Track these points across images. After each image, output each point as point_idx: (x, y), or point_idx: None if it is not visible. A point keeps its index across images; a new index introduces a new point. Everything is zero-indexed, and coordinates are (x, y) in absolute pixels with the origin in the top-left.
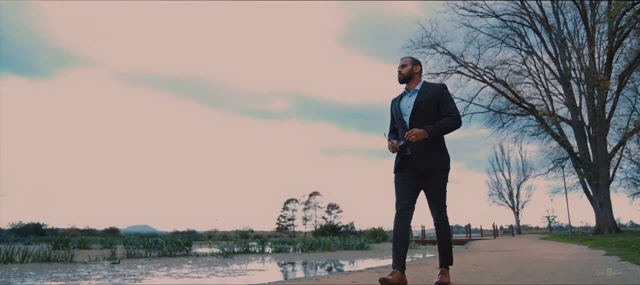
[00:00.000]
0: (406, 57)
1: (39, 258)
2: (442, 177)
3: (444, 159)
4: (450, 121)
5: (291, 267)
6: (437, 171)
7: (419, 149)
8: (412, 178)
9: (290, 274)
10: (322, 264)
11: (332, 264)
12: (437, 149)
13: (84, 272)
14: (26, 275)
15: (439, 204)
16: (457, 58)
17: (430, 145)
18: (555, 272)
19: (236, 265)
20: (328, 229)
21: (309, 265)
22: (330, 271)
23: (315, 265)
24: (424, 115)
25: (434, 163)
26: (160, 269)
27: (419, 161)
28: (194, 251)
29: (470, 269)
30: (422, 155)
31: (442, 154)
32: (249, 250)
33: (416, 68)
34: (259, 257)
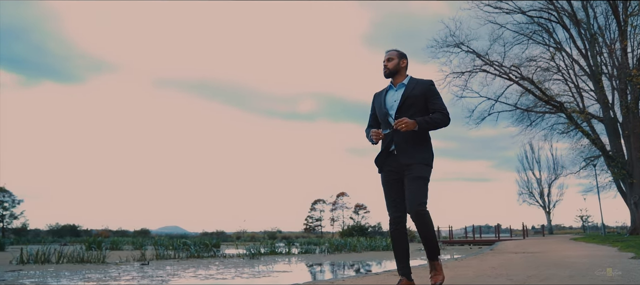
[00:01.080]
0: (392, 50)
1: (73, 259)
2: (424, 167)
3: (428, 155)
4: (440, 117)
5: (317, 269)
6: (418, 163)
7: (404, 145)
8: (396, 175)
9: (314, 275)
10: (346, 265)
11: (358, 265)
12: (423, 145)
13: (114, 273)
14: (61, 276)
15: (418, 194)
16: (482, 56)
17: (416, 140)
18: (573, 276)
19: (262, 267)
20: (355, 230)
21: (333, 267)
22: (358, 272)
23: (340, 266)
24: (411, 110)
25: (418, 158)
26: (187, 271)
27: (403, 155)
28: (222, 252)
29: (486, 272)
30: (406, 150)
31: (427, 150)
32: (275, 251)
33: (403, 62)
34: (285, 258)
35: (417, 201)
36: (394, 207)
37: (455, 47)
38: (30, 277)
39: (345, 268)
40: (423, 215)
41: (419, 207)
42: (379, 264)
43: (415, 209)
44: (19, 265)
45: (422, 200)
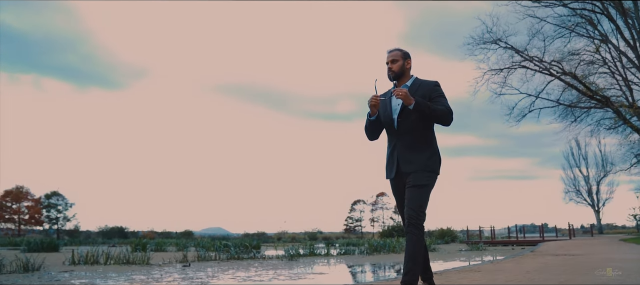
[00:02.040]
0: (395, 50)
1: (119, 260)
2: (424, 175)
3: (432, 161)
4: (442, 110)
5: (357, 269)
6: (419, 170)
7: (406, 151)
8: (401, 183)
9: (354, 276)
10: (386, 266)
11: (398, 266)
12: (426, 149)
13: (157, 274)
14: (108, 277)
15: (414, 205)
16: (521, 52)
17: (419, 142)
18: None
19: (300, 268)
20: (396, 230)
21: (372, 268)
22: (399, 273)
23: (378, 268)
24: (415, 113)
25: (418, 165)
26: (226, 272)
27: (404, 163)
28: (262, 254)
29: (518, 277)
30: (407, 158)
31: (431, 155)
32: (314, 253)
33: (408, 62)
34: (324, 259)
35: (408, 212)
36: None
37: (493, 43)
38: (80, 277)
39: (385, 269)
40: (416, 228)
41: (410, 218)
42: None
43: (410, 219)
44: (70, 266)
45: (415, 211)
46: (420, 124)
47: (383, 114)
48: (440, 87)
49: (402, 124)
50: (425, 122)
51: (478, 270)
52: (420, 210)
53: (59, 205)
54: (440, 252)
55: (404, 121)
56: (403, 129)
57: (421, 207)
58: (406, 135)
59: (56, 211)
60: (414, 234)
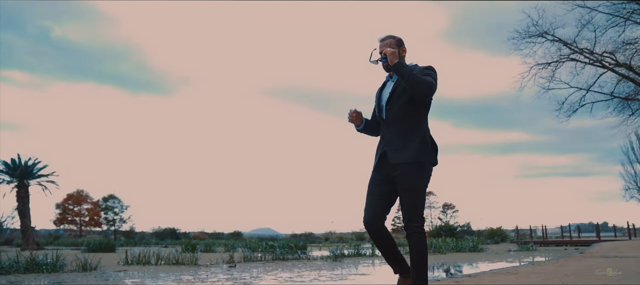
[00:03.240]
0: (388, 37)
1: (169, 261)
2: (414, 173)
3: (421, 149)
4: (421, 79)
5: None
6: (407, 165)
7: (394, 138)
8: (385, 177)
9: (391, 279)
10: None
11: (435, 268)
12: (415, 136)
13: (203, 274)
14: (157, 277)
15: (409, 211)
16: (569, 44)
17: (408, 129)
18: None
19: (342, 269)
20: (443, 230)
21: None
22: (448, 273)
23: None
24: (403, 97)
25: (405, 154)
26: (270, 273)
27: (392, 152)
28: (308, 254)
29: (554, 281)
30: (395, 145)
31: (420, 143)
32: (359, 253)
33: (403, 50)
34: (368, 260)
35: (410, 218)
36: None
37: (539, 37)
38: (132, 277)
39: (430, 271)
40: (420, 242)
41: (413, 225)
42: (458, 265)
43: (409, 226)
44: (124, 266)
45: (414, 218)
46: (409, 110)
47: (377, 106)
48: (432, 70)
49: (391, 112)
50: (415, 106)
51: (515, 272)
52: (419, 216)
53: (115, 208)
54: (488, 252)
55: (393, 107)
56: (391, 116)
57: (419, 212)
58: (395, 123)
59: (113, 213)
60: (417, 240)
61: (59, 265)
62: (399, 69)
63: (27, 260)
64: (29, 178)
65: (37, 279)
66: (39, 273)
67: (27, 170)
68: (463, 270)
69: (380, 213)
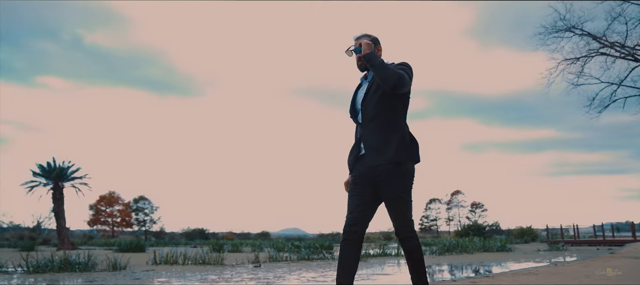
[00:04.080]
0: (363, 37)
1: (196, 261)
2: (396, 175)
3: (399, 148)
4: (392, 69)
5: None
6: (388, 165)
7: (371, 138)
8: (364, 180)
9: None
10: (452, 268)
11: (464, 267)
12: (394, 135)
13: (228, 274)
14: (183, 276)
15: (398, 217)
16: (599, 38)
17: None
18: None
19: (366, 270)
20: (472, 229)
21: (435, 270)
22: (475, 273)
23: (441, 269)
24: (377, 94)
25: (385, 154)
26: (293, 273)
27: (370, 153)
28: (334, 254)
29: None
30: (373, 145)
31: (398, 141)
32: (384, 253)
33: (378, 50)
34: (394, 260)
35: (401, 226)
36: (349, 218)
37: (567, 31)
38: (159, 276)
39: (454, 270)
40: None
41: (405, 233)
42: (481, 265)
43: (401, 235)
44: (152, 266)
45: (405, 226)
46: (385, 108)
47: (352, 110)
48: (406, 65)
49: (366, 111)
50: (391, 104)
51: (536, 273)
52: (409, 220)
53: (145, 209)
54: (516, 252)
55: (368, 106)
56: (367, 116)
57: (408, 216)
58: (371, 122)
59: (143, 214)
60: (411, 244)
61: (90, 265)
62: (370, 57)
63: (61, 259)
64: (63, 181)
65: (70, 277)
66: (72, 272)
67: (61, 173)
68: (484, 270)
69: (361, 219)
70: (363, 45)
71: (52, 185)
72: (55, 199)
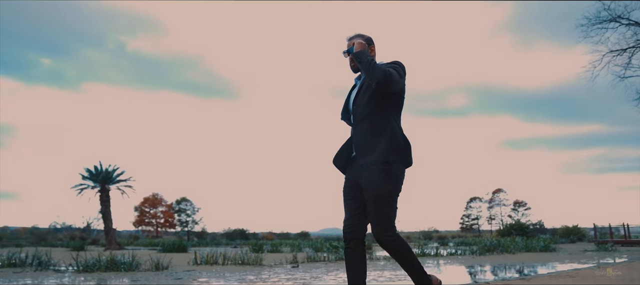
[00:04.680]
0: (356, 37)
1: (235, 261)
2: (381, 175)
3: (389, 148)
4: (380, 65)
5: (456, 272)
6: (374, 166)
7: (361, 139)
8: (356, 183)
9: (450, 280)
10: (492, 268)
11: (506, 268)
12: (383, 135)
13: (265, 275)
14: (222, 276)
15: (377, 219)
16: None
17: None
18: None
19: (401, 271)
20: (514, 228)
21: (473, 271)
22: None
23: (480, 270)
24: (368, 94)
25: (373, 155)
26: (330, 273)
27: (359, 154)
28: (373, 254)
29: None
30: (361, 146)
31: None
32: (423, 253)
33: (371, 50)
34: (433, 260)
35: (380, 230)
36: (347, 225)
37: (612, 21)
38: (199, 276)
39: (495, 271)
40: (391, 244)
41: (384, 237)
42: (519, 266)
43: (380, 239)
44: (193, 266)
45: (386, 226)
46: (375, 107)
47: (344, 110)
48: (397, 64)
49: (357, 111)
50: (382, 103)
51: (574, 275)
52: (389, 227)
53: (187, 210)
54: (560, 252)
55: (359, 106)
56: (358, 116)
57: (391, 219)
58: (361, 122)
59: (186, 215)
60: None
61: (134, 265)
62: (358, 55)
63: (107, 259)
64: (110, 183)
65: (116, 277)
66: (118, 271)
67: (107, 177)
68: (519, 272)
69: (360, 224)
70: (355, 45)
71: (99, 188)
72: (102, 201)
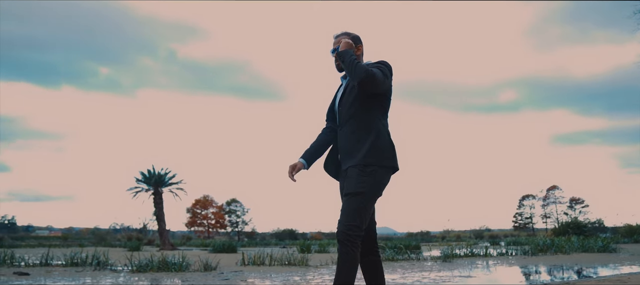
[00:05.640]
0: (342, 35)
1: (281, 262)
2: (358, 177)
3: (370, 151)
4: (363, 65)
5: (502, 276)
6: (353, 168)
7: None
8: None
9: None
10: (548, 271)
11: (561, 269)
12: (367, 138)
13: (310, 275)
14: (268, 276)
15: (342, 215)
16: None
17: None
18: None
19: (451, 271)
20: (570, 227)
21: (524, 272)
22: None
23: (531, 271)
24: (352, 95)
25: (356, 158)
26: None
27: (343, 157)
28: (418, 254)
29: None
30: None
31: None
32: (472, 253)
33: (358, 49)
34: (482, 260)
35: (340, 226)
36: None
37: None
38: (246, 277)
39: (525, 273)
40: (339, 243)
41: (337, 233)
42: (576, 268)
43: (337, 235)
44: (240, 267)
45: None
46: (360, 108)
47: (330, 111)
48: (382, 63)
49: (342, 113)
50: (366, 104)
51: (626, 280)
52: (350, 225)
53: (237, 211)
54: (621, 253)
55: (344, 107)
56: (343, 117)
57: (351, 220)
58: (346, 124)
59: (236, 216)
60: (341, 251)
61: (184, 265)
62: (342, 55)
63: (159, 260)
64: (162, 186)
65: (167, 277)
66: (169, 271)
67: (160, 180)
68: (566, 275)
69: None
70: (341, 43)
71: (153, 191)
72: (155, 203)
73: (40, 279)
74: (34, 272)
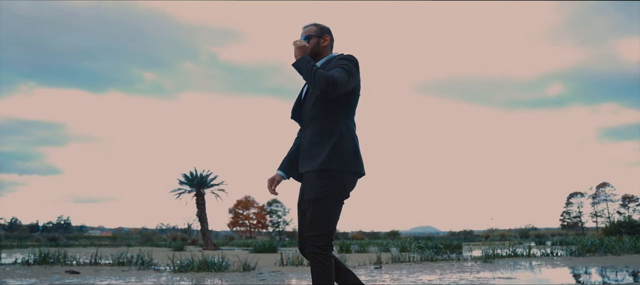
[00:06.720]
0: (310, 26)
1: None
2: (317, 182)
3: (330, 155)
4: (321, 72)
5: (546, 278)
6: (312, 173)
7: (306, 144)
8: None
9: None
10: (600, 274)
11: (613, 272)
12: (328, 143)
13: None
14: (303, 277)
15: (308, 226)
16: None
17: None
18: None
19: (492, 273)
20: (623, 226)
21: (571, 274)
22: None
23: (580, 273)
24: (315, 94)
25: (314, 161)
26: (411, 275)
27: (301, 158)
28: (459, 254)
29: None
30: (305, 151)
31: (330, 148)
32: (515, 253)
33: (325, 39)
34: (525, 261)
35: (308, 238)
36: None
37: None
38: (282, 277)
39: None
40: (312, 256)
41: (309, 246)
42: (620, 272)
43: (307, 248)
44: (279, 267)
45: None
46: (322, 109)
47: (292, 110)
48: (347, 60)
49: (305, 112)
50: (329, 105)
51: None
52: (319, 234)
53: (278, 211)
54: None
55: (306, 108)
56: (306, 118)
57: (319, 228)
58: (308, 126)
59: (277, 216)
60: (313, 266)
61: (224, 265)
62: (298, 65)
63: (199, 260)
64: (204, 187)
65: (207, 276)
66: (209, 271)
67: (202, 181)
68: (620, 277)
69: None
70: (294, 50)
71: (195, 192)
72: (198, 204)
73: (89, 277)
74: (84, 271)
